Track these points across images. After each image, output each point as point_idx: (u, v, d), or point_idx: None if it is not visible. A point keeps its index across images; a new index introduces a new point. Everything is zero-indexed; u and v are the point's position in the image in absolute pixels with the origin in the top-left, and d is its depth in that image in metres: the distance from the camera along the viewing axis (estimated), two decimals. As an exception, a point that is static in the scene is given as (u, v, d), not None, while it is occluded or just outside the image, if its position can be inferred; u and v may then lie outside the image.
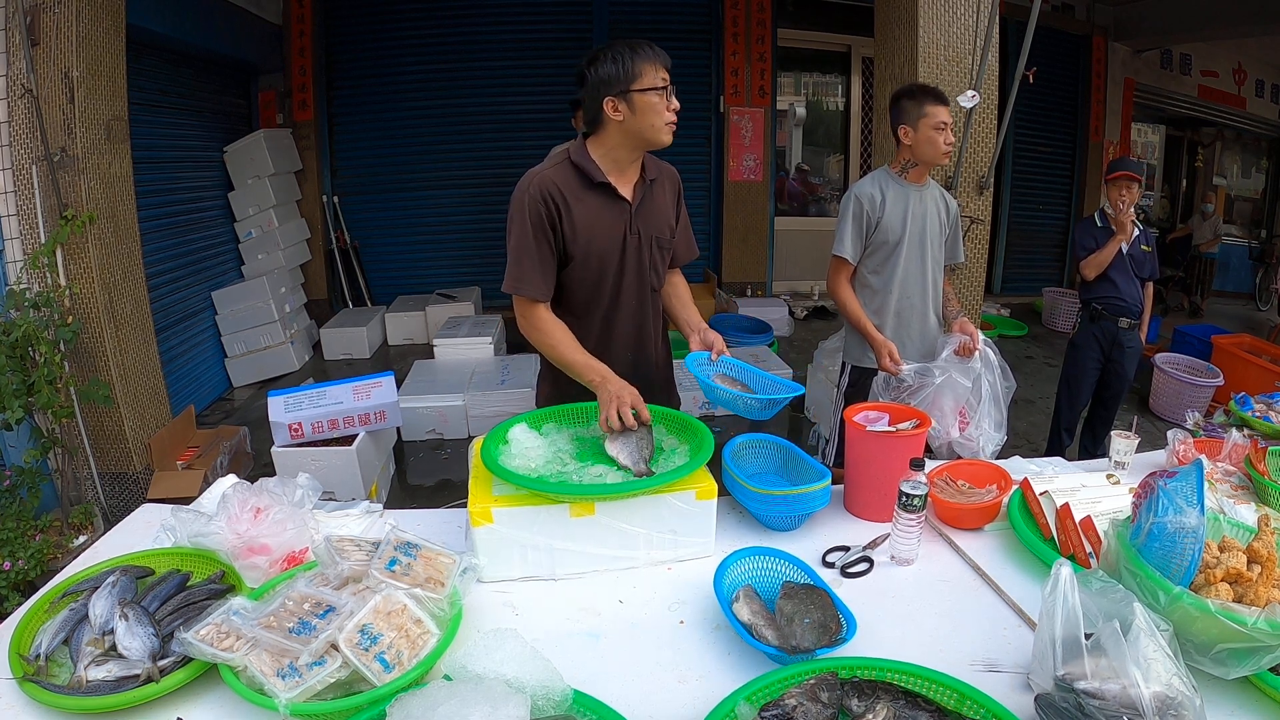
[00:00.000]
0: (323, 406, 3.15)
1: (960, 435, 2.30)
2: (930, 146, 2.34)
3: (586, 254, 1.68)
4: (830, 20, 6.70)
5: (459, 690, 0.92)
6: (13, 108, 2.95)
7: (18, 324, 2.68)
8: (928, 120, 2.31)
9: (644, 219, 1.74)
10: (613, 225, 1.70)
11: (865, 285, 2.52)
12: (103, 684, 1.05)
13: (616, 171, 1.69)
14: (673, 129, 1.65)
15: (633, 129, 1.62)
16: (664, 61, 1.61)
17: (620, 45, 1.60)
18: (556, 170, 1.66)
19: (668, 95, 1.61)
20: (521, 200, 1.64)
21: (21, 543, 2.57)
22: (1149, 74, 7.76)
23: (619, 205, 1.69)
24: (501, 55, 6.22)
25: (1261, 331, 6.05)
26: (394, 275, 6.58)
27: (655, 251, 1.78)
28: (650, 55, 1.59)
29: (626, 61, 1.58)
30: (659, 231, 1.78)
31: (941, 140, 2.32)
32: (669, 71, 1.62)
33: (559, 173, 1.66)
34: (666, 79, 1.61)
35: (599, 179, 1.66)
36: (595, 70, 1.61)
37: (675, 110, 1.63)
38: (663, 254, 1.81)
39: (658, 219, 1.77)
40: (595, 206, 1.67)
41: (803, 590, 1.23)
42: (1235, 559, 1.15)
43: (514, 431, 1.50)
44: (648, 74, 1.59)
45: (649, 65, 1.59)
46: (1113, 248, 3.18)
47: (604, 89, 1.61)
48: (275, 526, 1.34)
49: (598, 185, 1.66)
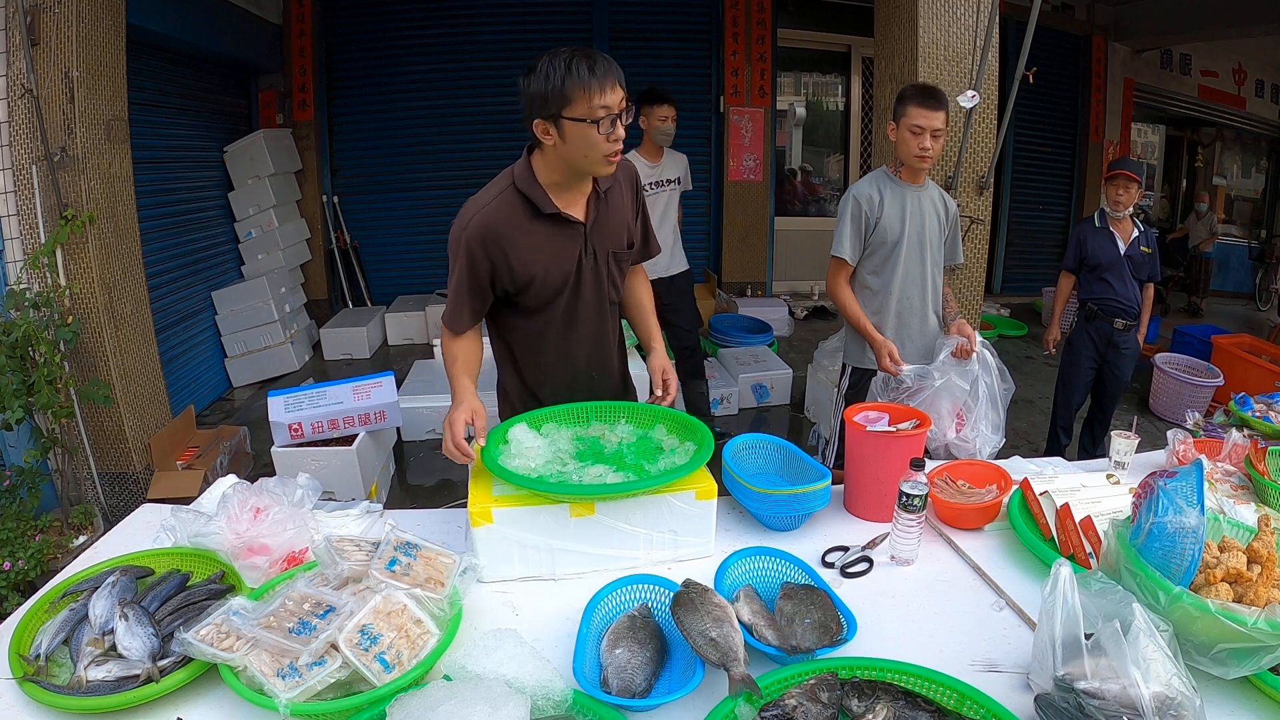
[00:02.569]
0: (323, 406, 3.15)
1: (956, 437, 2.30)
2: (903, 146, 2.35)
3: (538, 283, 1.57)
4: (830, 20, 6.70)
5: (459, 690, 0.92)
6: (13, 108, 2.95)
7: (18, 324, 2.68)
8: (906, 120, 2.32)
9: (600, 236, 1.61)
10: (565, 251, 1.58)
11: (864, 286, 2.52)
12: (103, 684, 1.05)
13: (564, 191, 1.55)
14: (613, 160, 1.47)
15: (565, 156, 1.47)
16: (608, 83, 1.39)
17: (559, 59, 1.39)
18: (499, 204, 1.53)
19: (609, 124, 1.41)
20: (459, 239, 1.52)
21: (21, 543, 2.57)
22: (1149, 74, 7.76)
23: (571, 229, 1.57)
24: (501, 55, 6.22)
25: (1261, 331, 6.04)
26: (394, 275, 6.58)
27: (612, 266, 1.66)
28: (586, 78, 1.37)
29: (556, 80, 1.38)
30: (616, 245, 1.66)
31: (915, 143, 2.31)
32: (623, 88, 1.42)
33: (501, 207, 1.52)
34: (610, 105, 1.40)
35: (548, 210, 1.52)
36: (528, 84, 1.42)
37: (617, 140, 1.44)
38: (621, 266, 1.70)
39: (614, 231, 1.65)
40: (544, 236, 1.55)
41: (803, 590, 1.23)
42: (1235, 559, 1.15)
43: (514, 431, 1.50)
44: (579, 101, 1.38)
45: (582, 90, 1.37)
46: (1055, 324, 3.50)
47: (534, 108, 1.43)
48: (275, 526, 1.34)
49: (547, 215, 1.53)
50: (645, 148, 3.61)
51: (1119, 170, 3.18)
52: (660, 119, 3.50)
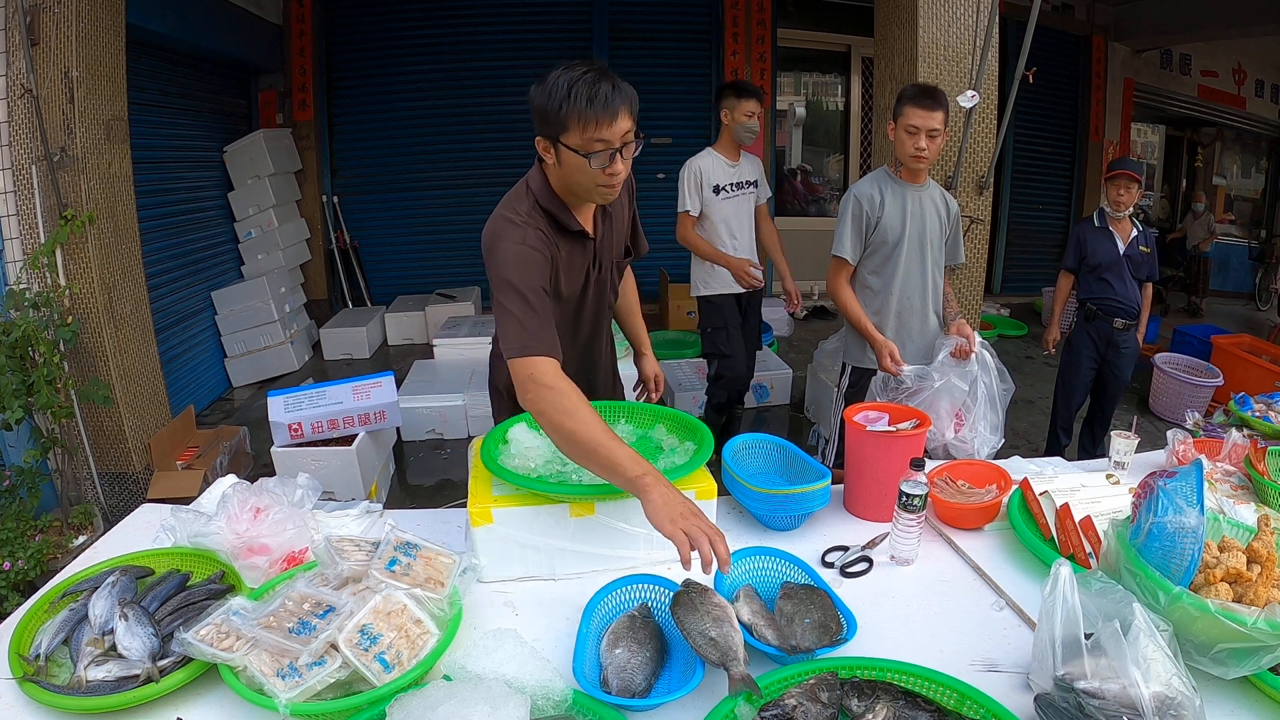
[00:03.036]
0: (322, 406, 3.15)
1: (955, 437, 2.30)
2: (900, 146, 2.36)
3: (560, 296, 1.56)
4: (830, 20, 6.70)
5: (459, 690, 0.92)
6: (13, 108, 2.95)
7: (17, 324, 2.68)
8: (903, 120, 2.33)
9: (605, 248, 1.61)
10: (578, 266, 1.57)
11: (865, 286, 2.52)
12: (103, 684, 1.05)
13: (575, 208, 1.51)
14: (608, 193, 1.41)
15: (563, 180, 1.43)
16: (608, 115, 1.30)
17: (564, 79, 1.31)
18: (538, 219, 1.47)
19: (605, 159, 1.34)
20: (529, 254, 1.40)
21: (21, 543, 2.57)
22: (1149, 74, 7.76)
23: (585, 244, 1.57)
24: (501, 55, 6.22)
25: (1261, 331, 6.04)
26: (394, 275, 6.58)
27: (614, 274, 1.68)
28: (584, 108, 1.29)
29: (556, 103, 1.31)
30: (618, 253, 1.66)
31: (911, 143, 2.32)
32: (633, 117, 1.34)
33: (540, 221, 1.47)
34: (610, 139, 1.32)
35: (574, 228, 1.50)
36: (536, 98, 1.35)
37: (614, 174, 1.36)
38: (619, 271, 1.71)
39: (617, 239, 1.64)
40: (567, 251, 1.53)
41: (803, 590, 1.23)
42: (1235, 559, 1.15)
43: (514, 431, 1.50)
44: (574, 130, 1.32)
45: (578, 121, 1.30)
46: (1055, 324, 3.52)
47: (539, 124, 1.38)
48: (275, 526, 1.34)
49: (571, 232, 1.52)
50: (723, 144, 3.29)
51: (1120, 170, 3.18)
52: (746, 114, 3.18)
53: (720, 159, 3.29)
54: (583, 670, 1.07)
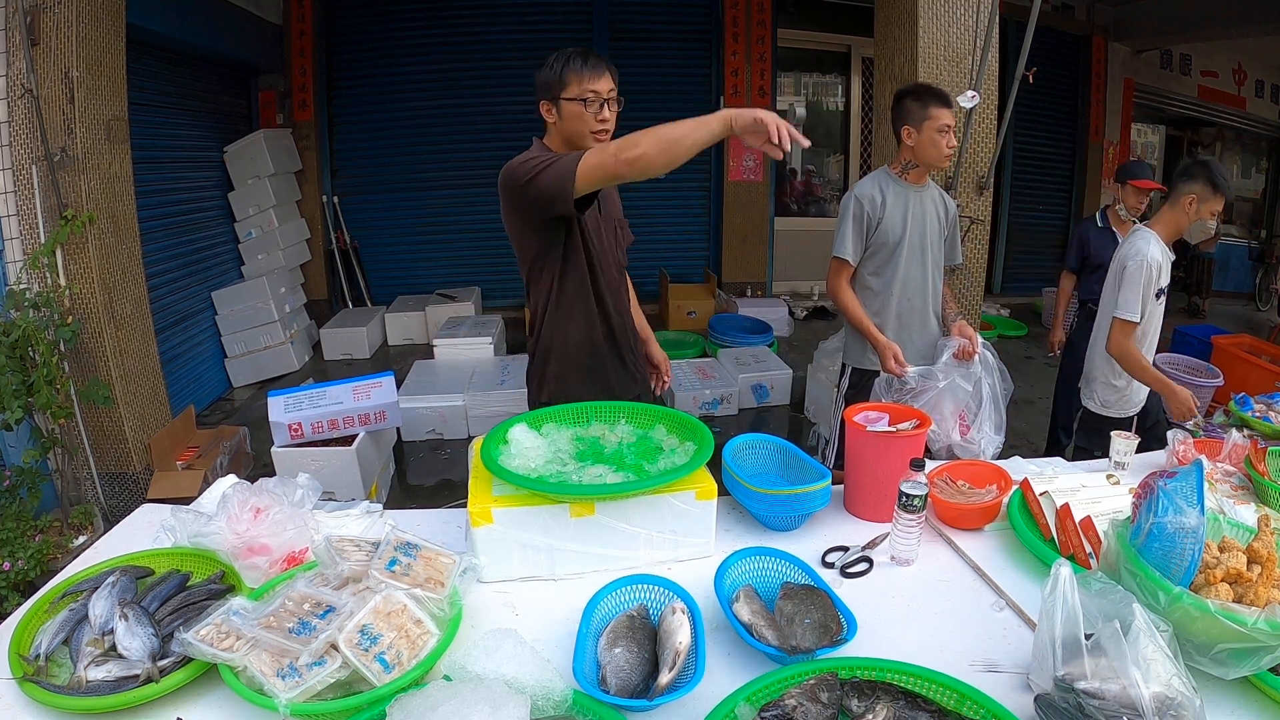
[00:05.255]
0: (322, 407, 3.15)
1: (962, 440, 2.30)
2: (933, 149, 2.32)
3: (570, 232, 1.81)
4: (830, 20, 6.70)
5: (459, 690, 0.92)
6: (13, 108, 2.95)
7: (17, 324, 2.68)
8: (931, 123, 2.28)
9: (606, 194, 1.89)
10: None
11: (865, 287, 2.51)
12: (103, 684, 1.05)
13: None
14: (600, 139, 1.74)
15: (563, 133, 1.77)
16: (597, 72, 1.70)
17: (563, 54, 1.73)
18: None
19: (596, 106, 1.71)
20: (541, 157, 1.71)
21: (21, 543, 2.57)
22: (1149, 74, 7.76)
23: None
24: (501, 55, 6.22)
25: (1261, 331, 6.05)
26: (394, 275, 6.59)
27: (619, 230, 1.95)
28: (580, 66, 1.70)
29: (558, 69, 1.72)
30: (618, 211, 1.96)
31: (944, 143, 2.29)
32: (614, 81, 1.73)
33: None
34: (600, 91, 1.71)
35: None
36: (539, 74, 1.76)
37: (605, 120, 1.73)
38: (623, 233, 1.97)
39: (613, 200, 1.96)
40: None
41: (803, 590, 1.23)
42: (1235, 559, 1.15)
43: (514, 431, 1.50)
44: (573, 84, 1.71)
45: (576, 76, 1.70)
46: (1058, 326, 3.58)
47: (541, 92, 1.76)
48: (275, 526, 1.34)
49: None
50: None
51: (1145, 181, 3.20)
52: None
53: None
54: (583, 670, 1.07)
